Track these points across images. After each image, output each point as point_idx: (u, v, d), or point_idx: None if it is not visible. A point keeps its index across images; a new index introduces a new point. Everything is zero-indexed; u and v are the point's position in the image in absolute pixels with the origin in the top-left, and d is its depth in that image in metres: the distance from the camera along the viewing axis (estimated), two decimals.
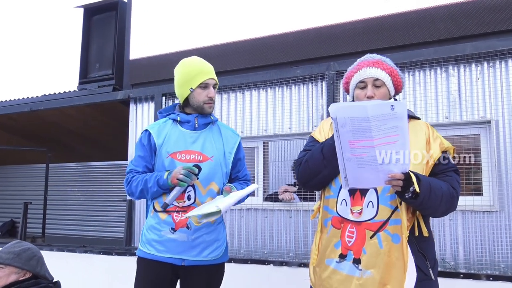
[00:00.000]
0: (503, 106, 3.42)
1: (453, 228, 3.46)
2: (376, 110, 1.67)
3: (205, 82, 2.47)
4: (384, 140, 1.70)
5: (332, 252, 2.02)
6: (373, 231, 1.91)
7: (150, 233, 2.44)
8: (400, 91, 2.18)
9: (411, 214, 1.94)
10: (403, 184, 1.78)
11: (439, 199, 1.88)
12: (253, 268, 4.00)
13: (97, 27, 5.81)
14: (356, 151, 1.75)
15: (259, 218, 4.20)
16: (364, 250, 1.92)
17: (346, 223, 1.98)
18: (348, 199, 1.99)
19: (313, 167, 2.08)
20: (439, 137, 2.06)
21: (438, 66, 3.67)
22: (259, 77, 4.36)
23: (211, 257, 2.45)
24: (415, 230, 1.94)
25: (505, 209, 3.31)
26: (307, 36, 4.20)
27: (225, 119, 4.53)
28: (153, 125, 2.57)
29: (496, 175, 3.37)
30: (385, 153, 1.73)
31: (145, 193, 2.42)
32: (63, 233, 7.92)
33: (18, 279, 2.58)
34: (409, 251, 1.87)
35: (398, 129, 1.69)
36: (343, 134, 1.75)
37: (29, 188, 8.67)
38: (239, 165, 2.63)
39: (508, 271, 3.25)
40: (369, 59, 2.13)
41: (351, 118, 1.70)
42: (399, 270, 1.86)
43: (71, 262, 4.88)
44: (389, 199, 1.92)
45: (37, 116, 6.70)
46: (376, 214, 1.92)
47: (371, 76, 2.07)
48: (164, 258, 2.39)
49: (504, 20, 3.44)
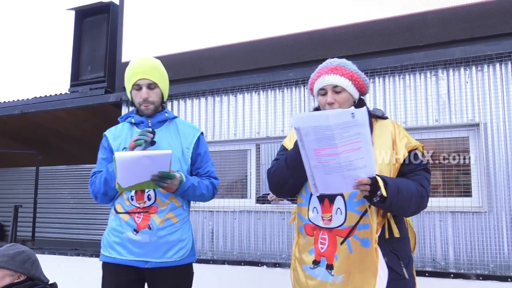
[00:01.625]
0: (491, 109, 3.49)
1: (443, 229, 3.51)
2: (337, 119, 1.70)
3: (136, 84, 2.40)
4: (348, 147, 1.74)
5: (306, 258, 2.06)
6: (343, 237, 1.94)
7: (111, 235, 2.39)
8: (365, 93, 2.16)
9: (381, 217, 1.95)
10: (370, 188, 1.80)
11: (408, 200, 1.89)
12: (246, 270, 4.02)
13: (88, 29, 5.79)
14: (321, 159, 1.79)
15: (251, 220, 4.23)
16: (336, 256, 1.95)
17: (318, 230, 2.02)
18: (318, 206, 2.02)
19: (279, 177, 2.11)
20: (406, 136, 2.06)
21: (428, 70, 3.74)
22: (251, 80, 4.39)
23: (176, 257, 2.37)
24: (386, 233, 1.95)
25: (494, 210, 3.38)
26: (299, 39, 4.24)
27: (218, 122, 4.56)
28: (110, 129, 2.55)
29: (484, 177, 3.44)
30: (350, 159, 1.75)
31: (109, 181, 2.33)
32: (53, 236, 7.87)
33: (12, 282, 2.57)
34: (379, 255, 1.90)
35: (361, 135, 1.72)
36: (308, 143, 1.79)
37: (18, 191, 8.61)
38: (199, 161, 2.52)
39: (497, 270, 3.32)
40: (328, 66, 2.12)
41: (313, 128, 1.74)
42: (371, 274, 1.89)
43: (63, 265, 4.86)
44: (356, 205, 1.94)
45: (28, 119, 6.65)
46: (345, 220, 1.95)
47: (330, 83, 2.06)
48: (126, 261, 2.33)
49: (492, 25, 3.51)
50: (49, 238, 7.74)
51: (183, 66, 4.74)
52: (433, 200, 3.59)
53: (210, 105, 4.63)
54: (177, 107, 4.78)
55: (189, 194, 2.39)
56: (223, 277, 4.14)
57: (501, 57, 3.48)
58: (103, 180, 2.36)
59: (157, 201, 2.35)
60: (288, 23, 4.31)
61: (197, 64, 4.69)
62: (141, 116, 2.48)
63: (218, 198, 4.54)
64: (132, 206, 2.36)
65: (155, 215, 2.34)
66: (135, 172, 2.19)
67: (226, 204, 4.41)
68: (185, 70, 4.73)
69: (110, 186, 2.34)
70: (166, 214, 2.37)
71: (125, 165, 2.13)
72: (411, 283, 2.02)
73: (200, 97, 4.68)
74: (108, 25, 5.55)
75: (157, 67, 2.47)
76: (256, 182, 4.43)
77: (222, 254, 4.32)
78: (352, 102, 2.10)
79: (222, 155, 4.60)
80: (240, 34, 4.52)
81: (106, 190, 2.37)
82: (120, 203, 2.40)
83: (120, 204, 2.40)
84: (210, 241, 4.39)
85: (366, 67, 3.88)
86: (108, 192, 2.39)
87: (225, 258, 4.25)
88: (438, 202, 3.59)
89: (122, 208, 2.39)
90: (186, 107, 4.74)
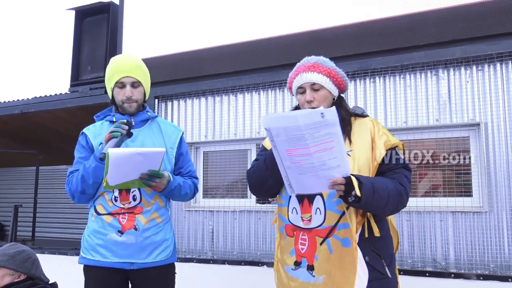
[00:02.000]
0: (491, 109, 3.49)
1: (443, 229, 3.51)
2: (306, 119, 1.68)
3: (120, 81, 2.37)
4: (321, 147, 1.71)
5: (288, 259, 2.04)
6: (322, 238, 1.92)
7: (93, 238, 2.33)
8: (344, 89, 2.14)
9: (360, 216, 1.94)
10: (345, 188, 1.78)
11: (385, 199, 1.86)
12: (246, 270, 4.02)
13: (88, 29, 5.79)
14: (294, 159, 1.77)
15: (252, 220, 4.22)
16: (316, 256, 1.93)
17: (298, 230, 2.00)
18: (298, 207, 2.00)
19: (258, 177, 2.10)
20: (386, 133, 2.03)
21: (429, 70, 3.73)
22: (252, 79, 4.38)
23: (161, 258, 2.36)
24: (365, 232, 1.93)
25: (494, 210, 3.38)
26: (299, 39, 4.23)
27: (218, 122, 4.55)
28: (88, 127, 2.47)
29: (485, 177, 3.43)
30: (323, 159, 1.73)
31: (86, 177, 2.26)
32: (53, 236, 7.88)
33: (12, 281, 2.58)
34: (359, 254, 1.88)
35: (332, 135, 1.69)
36: (279, 143, 1.77)
37: (18, 191, 8.62)
38: (181, 160, 2.52)
39: (498, 270, 3.32)
40: (305, 64, 2.11)
41: (284, 128, 1.72)
42: (352, 274, 1.87)
43: (63, 265, 4.85)
44: (335, 205, 1.93)
45: (28, 119, 6.66)
46: (324, 220, 1.93)
47: (308, 81, 2.05)
48: (111, 263, 2.28)
49: (492, 25, 3.51)
50: (49, 238, 7.74)
51: (183, 66, 4.73)
52: (434, 200, 3.59)
53: (210, 105, 4.62)
54: (177, 107, 4.78)
55: (175, 193, 2.39)
56: (223, 276, 4.13)
57: (501, 56, 3.48)
58: (80, 178, 2.28)
59: (143, 201, 2.33)
60: (288, 23, 4.31)
61: (197, 64, 4.68)
62: (122, 115, 2.44)
63: (219, 198, 4.54)
64: (116, 207, 2.31)
65: (141, 216, 2.32)
66: (126, 170, 2.16)
67: (226, 204, 4.40)
68: (185, 70, 4.72)
69: (88, 183, 2.28)
70: (151, 215, 2.35)
71: (117, 161, 2.08)
72: (393, 282, 2.01)
73: (200, 97, 4.68)
74: (108, 25, 5.55)
75: (140, 65, 2.45)
76: None
77: (222, 254, 4.32)
78: (331, 99, 2.09)
79: (222, 155, 4.60)
80: (240, 34, 4.52)
81: (83, 188, 2.30)
82: (102, 204, 2.34)
83: (101, 205, 2.34)
84: (210, 241, 4.39)
85: (366, 67, 3.88)
86: (85, 191, 2.31)
87: (226, 258, 4.25)
88: (439, 202, 3.58)
89: (104, 209, 2.33)
90: (186, 107, 4.73)
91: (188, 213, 4.53)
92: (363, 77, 3.94)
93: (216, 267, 4.20)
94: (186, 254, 4.47)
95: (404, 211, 3.63)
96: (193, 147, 4.71)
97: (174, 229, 4.52)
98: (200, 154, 4.69)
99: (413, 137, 3.76)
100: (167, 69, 4.81)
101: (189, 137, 4.66)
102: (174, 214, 4.58)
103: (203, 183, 4.64)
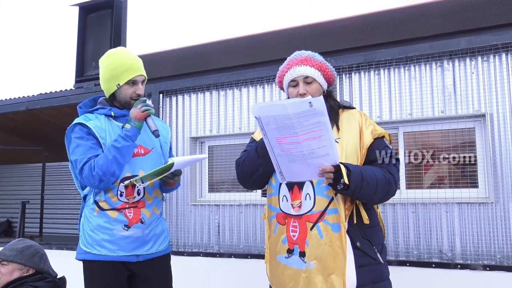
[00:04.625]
0: (497, 99, 3.47)
1: (450, 220, 3.51)
2: (295, 108, 1.72)
3: (133, 79, 2.40)
4: (310, 136, 1.76)
5: (281, 248, 2.07)
6: (313, 223, 1.97)
7: (99, 233, 2.33)
8: (332, 83, 2.23)
9: (349, 203, 1.98)
10: (334, 176, 1.84)
11: (373, 187, 1.92)
12: (253, 263, 4.04)
13: (92, 25, 5.80)
14: (284, 147, 1.82)
15: (258, 214, 4.24)
16: (307, 242, 1.97)
17: (289, 218, 2.04)
18: (288, 194, 2.04)
19: (249, 166, 2.14)
20: (372, 124, 2.11)
21: (433, 61, 3.72)
22: (256, 73, 4.38)
23: (162, 248, 2.48)
24: (354, 218, 1.98)
25: (500, 201, 3.37)
26: (303, 32, 4.22)
27: (223, 116, 4.56)
28: (85, 119, 2.39)
29: (491, 168, 3.42)
30: (312, 147, 1.78)
31: (119, 158, 2.25)
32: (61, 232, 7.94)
33: (21, 276, 2.62)
34: (347, 240, 1.93)
35: (321, 124, 1.74)
36: (269, 132, 1.82)
37: (25, 188, 8.67)
38: (170, 154, 2.63)
39: (504, 261, 3.31)
40: (298, 57, 2.17)
41: (273, 117, 1.76)
42: (342, 259, 1.92)
43: (70, 260, 4.89)
44: (324, 189, 1.97)
45: (34, 115, 6.69)
46: (314, 205, 1.97)
47: (301, 74, 2.11)
48: (118, 257, 2.32)
49: (497, 15, 3.49)
50: (57, 234, 7.80)
51: (187, 60, 4.73)
52: (440, 192, 3.59)
53: (215, 99, 4.63)
54: (182, 102, 4.79)
55: (176, 187, 2.56)
56: (230, 270, 4.16)
57: (507, 47, 3.45)
58: (112, 158, 2.23)
59: (145, 195, 2.41)
60: (291, 16, 4.30)
61: (201, 58, 4.68)
62: (121, 110, 2.45)
63: (224, 192, 4.56)
64: (121, 202, 2.34)
65: (145, 209, 2.40)
66: None
67: (232, 198, 4.42)
68: (189, 65, 4.72)
69: (121, 164, 2.27)
70: (152, 208, 2.45)
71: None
72: (386, 268, 2.07)
73: (205, 91, 4.68)
74: (112, 20, 5.55)
75: (142, 63, 2.50)
76: None
77: (229, 247, 4.34)
78: (321, 92, 2.16)
79: (227, 149, 4.61)
80: (244, 28, 4.51)
81: (114, 170, 2.26)
82: (105, 201, 2.34)
83: (105, 201, 2.34)
84: (217, 235, 4.41)
85: (371, 59, 3.87)
86: (115, 173, 2.27)
87: (232, 252, 4.27)
88: (445, 193, 3.58)
89: (108, 205, 2.34)
90: (191, 102, 4.74)
91: (194, 207, 4.55)
92: (368, 69, 3.93)
93: (223, 261, 4.23)
94: (192, 248, 4.49)
95: (410, 203, 3.63)
96: (198, 141, 4.72)
97: (180, 223, 4.57)
98: (205, 148, 4.70)
99: (418, 128, 3.75)
100: (172, 64, 4.81)
101: (194, 132, 4.67)
102: (180, 208, 4.60)
103: (208, 177, 4.65)
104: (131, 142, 2.28)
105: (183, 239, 4.55)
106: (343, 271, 1.90)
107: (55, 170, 8.17)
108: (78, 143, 2.37)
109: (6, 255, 2.63)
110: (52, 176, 8.09)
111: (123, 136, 2.28)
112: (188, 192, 4.55)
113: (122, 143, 2.26)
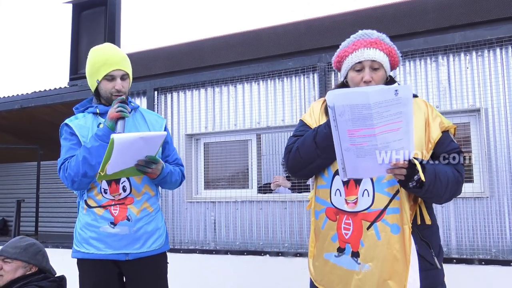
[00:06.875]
0: (492, 94, 3.48)
1: (445, 215, 3.52)
2: (378, 97, 1.52)
3: (110, 74, 2.32)
4: (387, 128, 1.56)
5: (330, 246, 1.88)
6: (370, 222, 1.77)
7: (86, 231, 2.31)
8: (395, 68, 2.02)
9: (412, 202, 1.79)
10: (407, 172, 1.63)
11: (445, 186, 1.74)
12: (249, 259, 4.04)
13: (86, 22, 5.77)
14: (355, 140, 1.61)
15: (254, 210, 4.24)
16: (362, 242, 1.78)
17: (341, 214, 1.84)
18: (342, 188, 1.84)
19: (305, 156, 1.90)
20: (439, 115, 1.89)
21: (428, 56, 3.72)
22: (251, 70, 4.37)
23: (154, 247, 2.38)
24: (418, 219, 1.80)
25: (495, 195, 3.38)
26: (298, 28, 4.22)
27: (218, 113, 4.55)
28: (70, 119, 2.39)
29: (486, 162, 3.43)
30: (387, 141, 1.58)
31: (89, 158, 2.18)
32: (56, 230, 7.92)
33: (25, 274, 2.61)
34: (412, 243, 1.74)
35: (402, 115, 1.54)
36: (342, 123, 1.60)
37: (20, 186, 8.64)
38: (167, 149, 2.53)
39: (500, 255, 3.33)
40: (366, 39, 1.94)
41: (350, 106, 1.55)
42: (401, 264, 1.72)
43: (66, 258, 4.87)
44: (385, 187, 1.77)
45: (28, 113, 6.65)
46: (372, 203, 1.77)
47: (369, 58, 1.89)
48: (106, 255, 2.28)
49: (491, 9, 3.49)
50: (52, 232, 7.78)
51: (182, 57, 4.72)
52: None
53: (210, 96, 4.62)
54: (177, 99, 4.77)
55: (167, 180, 2.40)
56: (226, 267, 4.16)
57: (501, 41, 3.46)
58: (82, 160, 2.19)
59: (133, 191, 2.33)
60: (286, 12, 4.29)
61: (195, 55, 4.67)
62: (105, 106, 2.40)
63: (220, 189, 4.55)
64: (106, 199, 2.30)
65: (132, 206, 2.32)
66: (125, 157, 2.10)
67: (228, 194, 4.41)
68: (184, 61, 4.71)
69: (91, 164, 2.19)
70: (142, 204, 2.36)
71: (121, 147, 2.00)
72: (442, 273, 1.87)
73: (200, 88, 4.67)
74: (106, 17, 5.52)
75: (126, 57, 2.42)
76: (258, 172, 4.43)
77: (225, 244, 4.34)
78: (385, 79, 1.96)
79: (223, 146, 4.61)
80: (239, 24, 4.50)
81: (85, 171, 2.19)
82: (91, 198, 2.32)
83: (91, 198, 2.32)
84: (213, 232, 4.41)
85: None
86: (87, 173, 2.20)
87: (228, 248, 4.27)
88: None
89: (94, 202, 2.32)
90: (186, 99, 4.72)
91: (190, 204, 4.55)
92: None
93: (219, 258, 4.23)
94: (189, 245, 4.49)
95: None
96: (194, 138, 4.71)
97: (176, 220, 4.56)
98: (201, 145, 4.69)
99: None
100: (166, 61, 4.80)
101: (190, 129, 4.66)
102: (175, 205, 4.60)
103: (204, 174, 4.65)
104: (100, 142, 2.18)
105: (179, 236, 4.54)
106: (402, 277, 1.71)
107: (50, 169, 8.14)
108: (62, 144, 2.38)
109: (10, 252, 2.61)
110: (47, 175, 8.06)
111: (93, 136, 2.23)
112: (184, 189, 4.54)
113: (91, 143, 2.20)
